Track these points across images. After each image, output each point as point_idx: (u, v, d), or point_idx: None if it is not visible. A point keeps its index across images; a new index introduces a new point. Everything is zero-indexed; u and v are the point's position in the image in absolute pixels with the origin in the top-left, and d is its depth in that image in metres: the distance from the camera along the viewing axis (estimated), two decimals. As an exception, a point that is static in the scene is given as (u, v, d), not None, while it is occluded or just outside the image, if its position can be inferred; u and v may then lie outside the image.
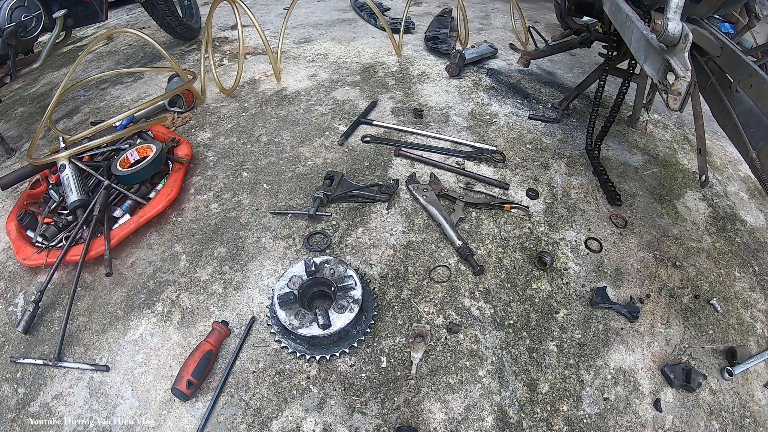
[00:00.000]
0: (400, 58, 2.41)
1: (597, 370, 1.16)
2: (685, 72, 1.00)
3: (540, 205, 1.56)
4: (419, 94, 2.09)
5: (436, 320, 1.22)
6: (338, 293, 1.18)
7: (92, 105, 2.22)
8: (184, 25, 2.60)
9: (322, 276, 1.21)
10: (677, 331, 1.27)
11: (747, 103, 1.15)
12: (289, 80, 2.20)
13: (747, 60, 1.07)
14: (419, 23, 2.87)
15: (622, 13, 1.37)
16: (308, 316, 1.13)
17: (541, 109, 2.05)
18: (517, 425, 1.05)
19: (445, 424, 1.04)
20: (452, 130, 1.87)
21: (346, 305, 1.14)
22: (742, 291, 1.41)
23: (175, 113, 1.97)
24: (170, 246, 1.41)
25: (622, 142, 1.91)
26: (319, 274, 1.22)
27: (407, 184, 1.57)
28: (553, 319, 1.25)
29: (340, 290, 1.18)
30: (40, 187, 1.58)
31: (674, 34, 1.01)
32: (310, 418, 1.04)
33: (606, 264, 1.41)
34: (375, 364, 1.14)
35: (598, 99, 1.81)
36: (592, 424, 1.07)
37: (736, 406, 1.15)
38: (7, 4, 1.70)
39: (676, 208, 1.64)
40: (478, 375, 1.13)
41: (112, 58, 2.76)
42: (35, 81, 2.64)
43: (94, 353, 1.18)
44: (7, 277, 1.41)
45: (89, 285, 1.34)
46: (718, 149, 2.01)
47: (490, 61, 2.43)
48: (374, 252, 1.38)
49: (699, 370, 1.18)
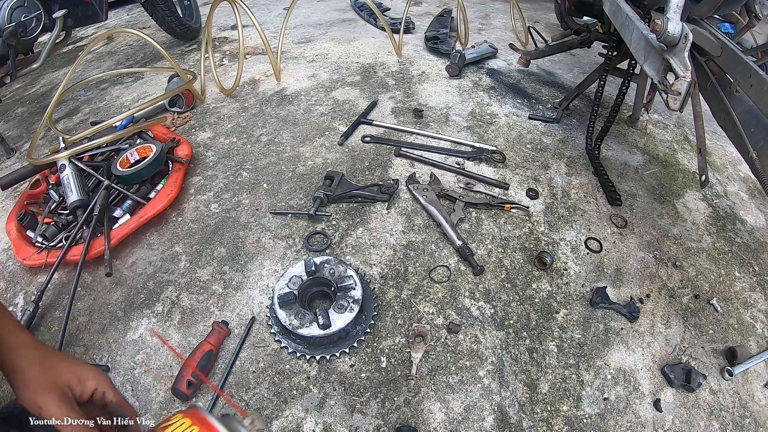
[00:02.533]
0: (400, 58, 2.41)
1: (597, 370, 1.16)
2: (685, 72, 1.00)
3: (540, 205, 1.56)
4: (419, 94, 2.09)
5: (436, 320, 1.22)
6: (338, 293, 1.18)
7: (92, 105, 2.22)
8: (184, 25, 2.60)
9: (322, 276, 1.21)
10: (677, 331, 1.27)
11: (747, 103, 1.15)
12: (289, 80, 2.20)
13: (747, 60, 1.07)
14: (419, 23, 2.87)
15: (622, 13, 1.37)
16: (308, 316, 1.13)
17: (541, 109, 2.05)
18: (517, 425, 1.05)
19: (445, 424, 1.04)
20: (452, 130, 1.87)
21: (346, 305, 1.14)
22: (742, 291, 1.41)
23: (175, 113, 1.97)
24: (170, 246, 1.41)
25: (622, 142, 1.91)
26: (319, 274, 1.22)
27: (407, 184, 1.57)
28: (553, 319, 1.25)
29: (340, 290, 1.18)
30: (40, 187, 1.58)
31: (674, 34, 1.01)
32: (310, 418, 1.04)
33: (606, 264, 1.41)
34: (375, 364, 1.14)
35: (598, 99, 1.81)
36: (592, 424, 1.07)
37: (736, 406, 1.15)
38: (7, 4, 1.70)
39: (676, 208, 1.64)
40: (478, 375, 1.13)
41: (112, 58, 2.76)
42: (35, 81, 2.64)
43: (94, 353, 1.18)
44: (7, 277, 1.41)
45: (89, 285, 1.34)
46: (718, 149, 2.01)
47: (490, 61, 2.43)
48: (374, 252, 1.38)
49: (699, 370, 1.18)
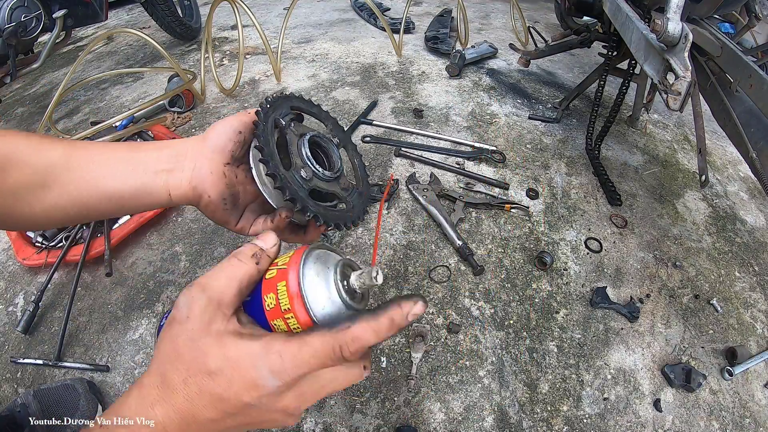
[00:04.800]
0: (400, 58, 2.41)
1: (597, 370, 1.16)
2: (685, 72, 1.00)
3: (540, 205, 1.56)
4: (419, 94, 2.09)
5: (436, 320, 1.22)
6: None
7: (92, 105, 2.22)
8: (184, 25, 2.60)
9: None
10: (677, 331, 1.27)
11: (747, 103, 1.15)
12: (289, 80, 2.20)
13: (747, 60, 1.07)
14: (419, 23, 2.87)
15: (622, 13, 1.37)
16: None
17: (541, 109, 2.05)
18: (517, 425, 1.05)
19: (445, 424, 1.04)
20: (452, 130, 1.87)
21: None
22: (742, 291, 1.41)
23: (175, 113, 1.97)
24: (170, 246, 1.41)
25: (622, 142, 1.91)
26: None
27: (407, 184, 1.57)
28: (553, 319, 1.25)
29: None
30: (40, 187, 1.58)
31: (674, 34, 1.01)
32: (310, 418, 1.04)
33: (606, 264, 1.41)
34: (375, 364, 1.14)
35: (598, 99, 1.81)
36: (592, 424, 1.07)
37: (736, 406, 1.15)
38: (7, 4, 1.70)
39: (676, 208, 1.64)
40: (478, 375, 1.13)
41: (112, 58, 2.76)
42: (35, 81, 2.64)
43: (94, 353, 1.18)
44: (7, 277, 1.40)
45: (89, 285, 1.34)
46: (718, 149, 2.01)
47: (490, 61, 2.43)
48: (374, 252, 1.38)
49: (699, 370, 1.18)
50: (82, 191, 0.50)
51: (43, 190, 0.49)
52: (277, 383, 0.36)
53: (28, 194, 0.48)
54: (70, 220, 0.52)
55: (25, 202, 0.49)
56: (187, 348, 0.36)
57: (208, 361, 0.36)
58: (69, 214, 0.51)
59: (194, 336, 0.37)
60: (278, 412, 0.38)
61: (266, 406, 0.37)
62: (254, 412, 0.37)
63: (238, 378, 0.35)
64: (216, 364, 0.35)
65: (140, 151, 0.52)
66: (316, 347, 0.36)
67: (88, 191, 0.50)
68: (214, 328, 0.37)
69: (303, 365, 0.36)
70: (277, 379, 0.36)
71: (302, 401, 0.39)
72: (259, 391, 0.36)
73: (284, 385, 0.36)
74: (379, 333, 0.36)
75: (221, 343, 0.36)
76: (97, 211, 0.51)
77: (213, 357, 0.36)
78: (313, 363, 0.36)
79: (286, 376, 0.36)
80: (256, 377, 0.35)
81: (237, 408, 0.36)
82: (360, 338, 0.36)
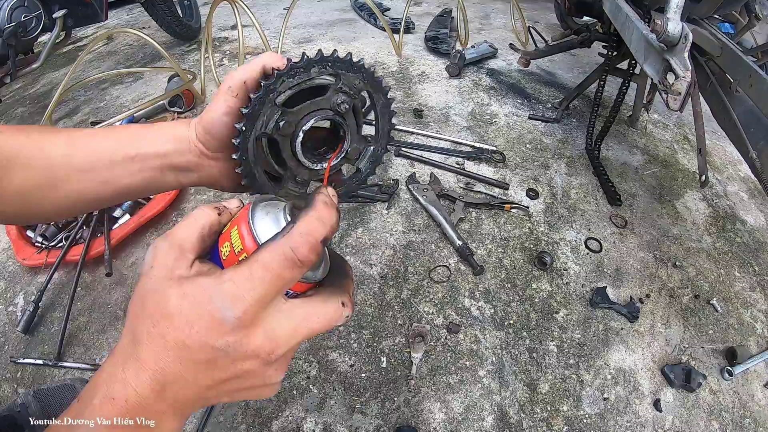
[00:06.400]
0: (400, 58, 2.41)
1: (597, 370, 1.16)
2: (685, 72, 1.00)
3: (540, 205, 1.56)
4: (419, 94, 2.09)
5: (436, 320, 1.22)
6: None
7: (92, 105, 2.22)
8: (184, 25, 2.60)
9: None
10: (677, 331, 1.27)
11: (747, 103, 1.15)
12: (289, 80, 2.20)
13: (747, 60, 1.07)
14: (419, 23, 2.86)
15: (622, 13, 1.37)
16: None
17: (541, 109, 2.05)
18: (517, 425, 1.05)
19: (445, 424, 1.04)
20: (452, 130, 1.87)
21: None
22: (742, 291, 1.41)
23: (175, 113, 1.97)
24: (170, 246, 1.41)
25: (622, 142, 1.91)
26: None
27: (407, 184, 1.57)
28: (553, 319, 1.25)
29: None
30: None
31: (674, 34, 1.01)
32: (310, 418, 1.04)
33: (606, 264, 1.41)
34: (375, 364, 1.14)
35: (598, 99, 1.81)
36: (592, 424, 1.07)
37: (736, 406, 1.15)
38: (7, 4, 1.70)
39: (676, 208, 1.64)
40: (478, 375, 1.13)
41: (112, 58, 2.76)
42: (35, 81, 2.64)
43: (94, 353, 1.18)
44: (7, 277, 1.40)
45: (89, 285, 1.34)
46: (718, 149, 2.01)
47: (490, 61, 2.42)
48: (374, 252, 1.38)
49: (699, 370, 1.18)
50: (89, 189, 0.50)
51: (50, 190, 0.49)
52: (237, 313, 0.33)
53: (35, 194, 0.49)
54: (81, 211, 0.57)
55: (33, 201, 0.49)
56: (150, 296, 0.35)
57: (168, 305, 0.34)
58: (79, 207, 0.53)
59: (158, 283, 0.35)
60: (253, 360, 0.35)
61: (235, 349, 0.34)
62: (227, 363, 0.34)
63: (195, 316, 0.33)
64: (174, 304, 0.34)
65: (143, 140, 0.52)
66: (265, 260, 0.33)
67: (96, 189, 0.50)
68: (176, 273, 0.35)
69: (258, 284, 0.33)
70: (235, 307, 0.33)
71: (276, 345, 0.36)
72: (220, 327, 0.33)
73: (245, 315, 0.33)
74: (323, 218, 0.35)
75: (181, 285, 0.35)
76: (109, 201, 0.54)
77: (172, 298, 0.34)
78: (268, 278, 0.33)
79: (244, 301, 0.33)
80: (212, 309, 0.33)
81: (205, 356, 0.33)
82: (307, 232, 0.34)
